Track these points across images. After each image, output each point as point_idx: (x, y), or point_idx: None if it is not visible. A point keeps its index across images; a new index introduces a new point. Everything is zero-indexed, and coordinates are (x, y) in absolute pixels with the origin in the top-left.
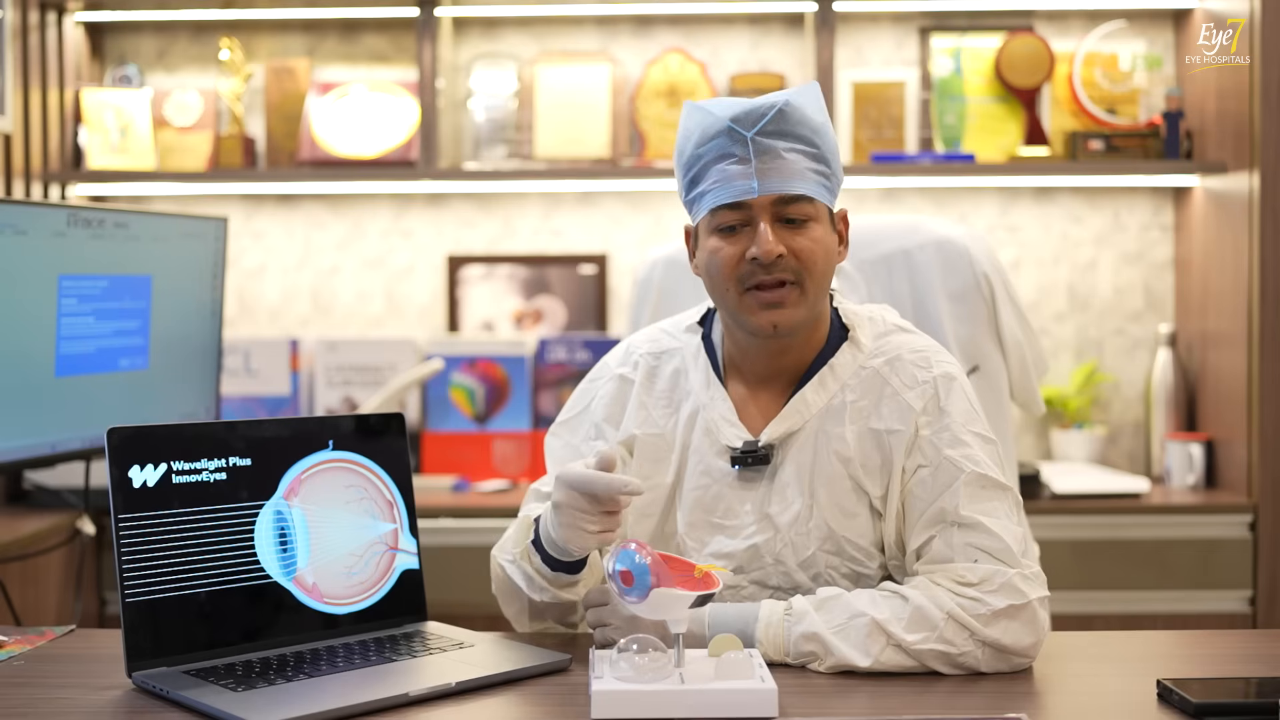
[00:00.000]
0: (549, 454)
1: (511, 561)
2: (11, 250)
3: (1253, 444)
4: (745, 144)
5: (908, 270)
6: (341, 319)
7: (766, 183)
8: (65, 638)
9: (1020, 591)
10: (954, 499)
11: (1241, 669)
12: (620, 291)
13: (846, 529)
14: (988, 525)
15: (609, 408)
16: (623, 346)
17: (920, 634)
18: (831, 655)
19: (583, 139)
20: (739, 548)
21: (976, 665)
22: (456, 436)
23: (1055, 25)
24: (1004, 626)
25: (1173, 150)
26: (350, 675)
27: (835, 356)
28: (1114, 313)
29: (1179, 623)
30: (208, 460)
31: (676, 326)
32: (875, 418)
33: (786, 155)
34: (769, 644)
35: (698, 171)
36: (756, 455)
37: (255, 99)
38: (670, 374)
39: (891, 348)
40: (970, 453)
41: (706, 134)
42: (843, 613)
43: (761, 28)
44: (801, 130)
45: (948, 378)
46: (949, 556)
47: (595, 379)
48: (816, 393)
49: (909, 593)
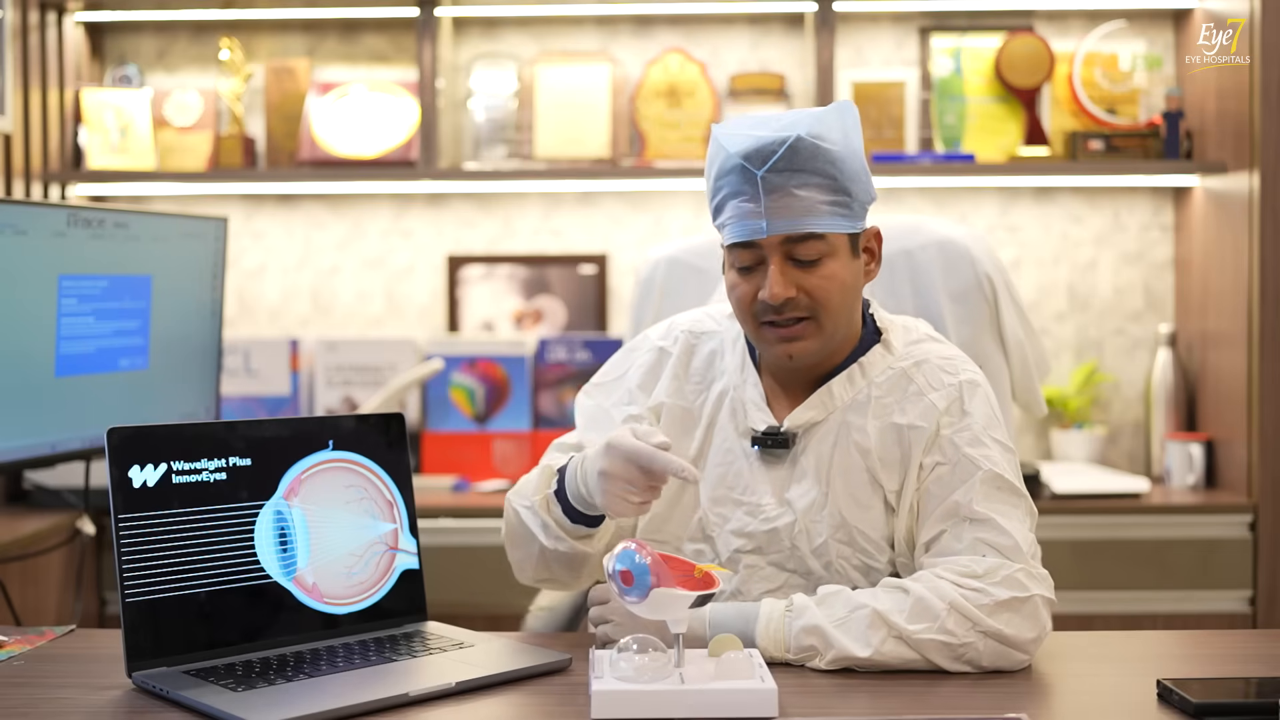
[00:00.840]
0: (579, 411)
1: (529, 508)
2: (11, 250)
3: (1253, 444)
4: (755, 183)
5: (909, 270)
6: (341, 319)
7: (775, 223)
8: (65, 638)
9: (1024, 585)
10: (968, 494)
11: (1241, 669)
12: (620, 291)
13: (859, 520)
14: (999, 523)
15: (644, 376)
16: (666, 323)
17: (922, 624)
18: (832, 648)
19: (583, 139)
20: (760, 528)
21: (977, 658)
22: (456, 436)
23: (1055, 25)
24: (1006, 618)
25: (1173, 150)
26: (350, 675)
27: (866, 356)
28: (1114, 313)
29: (1179, 623)
30: (208, 460)
31: (720, 313)
32: (899, 413)
33: (798, 192)
34: (769, 640)
35: (719, 201)
36: (777, 439)
37: (255, 99)
38: (707, 354)
39: (921, 352)
40: (989, 453)
41: (723, 168)
42: (843, 606)
43: (761, 28)
44: (816, 163)
45: (972, 384)
46: (956, 550)
47: (634, 349)
48: (844, 387)
49: (910, 585)
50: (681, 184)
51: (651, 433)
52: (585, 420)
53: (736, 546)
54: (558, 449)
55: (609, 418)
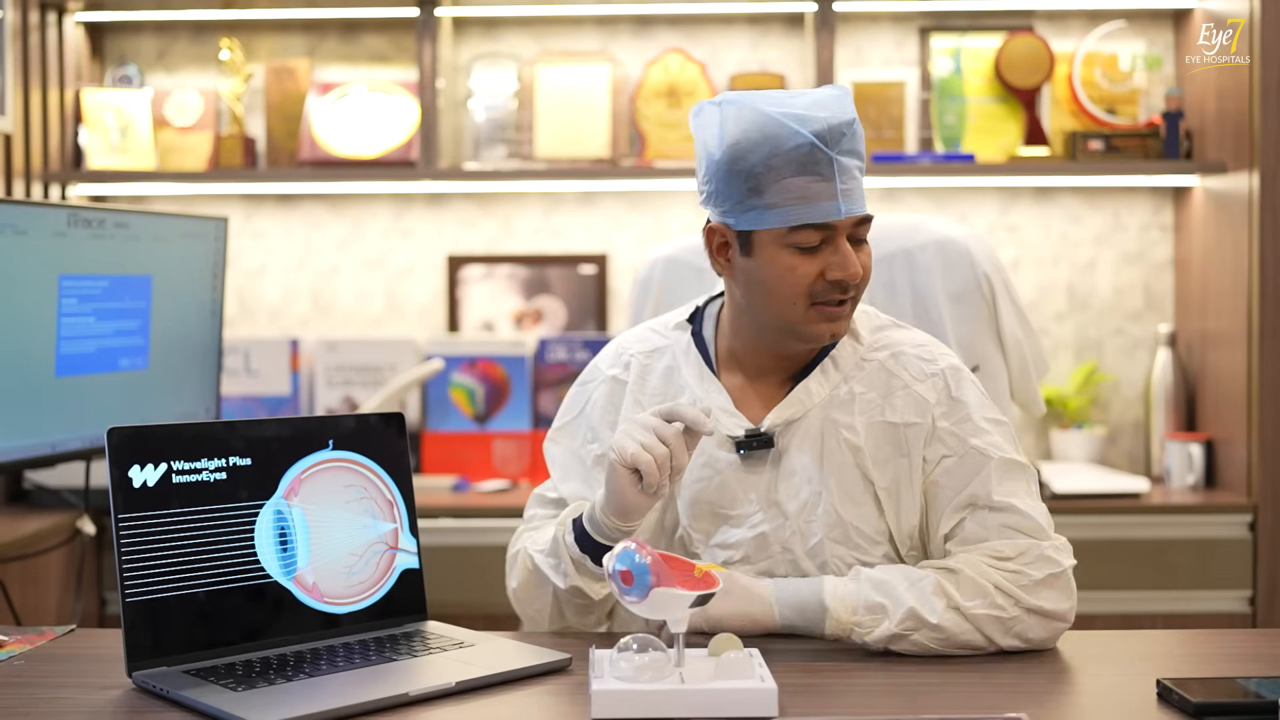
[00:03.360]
0: (550, 461)
1: (542, 551)
2: (11, 250)
3: (1253, 444)
4: (830, 164)
5: (908, 270)
6: (341, 319)
7: (848, 204)
8: (65, 638)
9: (1055, 561)
10: (985, 485)
11: (1241, 669)
12: (620, 291)
13: (854, 516)
14: (1018, 506)
15: (604, 410)
16: (612, 347)
17: (976, 600)
18: (902, 607)
19: (583, 139)
20: (746, 536)
21: (1025, 631)
22: (456, 436)
23: (1055, 25)
24: (1045, 594)
25: (1172, 150)
26: (350, 675)
27: (835, 349)
28: (1114, 313)
29: (1179, 623)
30: (208, 460)
31: (664, 325)
32: (889, 410)
33: (857, 175)
34: (837, 601)
35: (763, 182)
36: (761, 440)
37: (255, 99)
38: (662, 371)
39: (892, 342)
40: (993, 439)
41: (781, 145)
42: (903, 576)
43: (761, 28)
44: (860, 146)
45: (954, 369)
46: (984, 536)
47: (587, 382)
48: (819, 383)
49: (954, 564)
50: (681, 184)
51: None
52: (558, 470)
53: (723, 559)
54: (538, 501)
55: (579, 461)
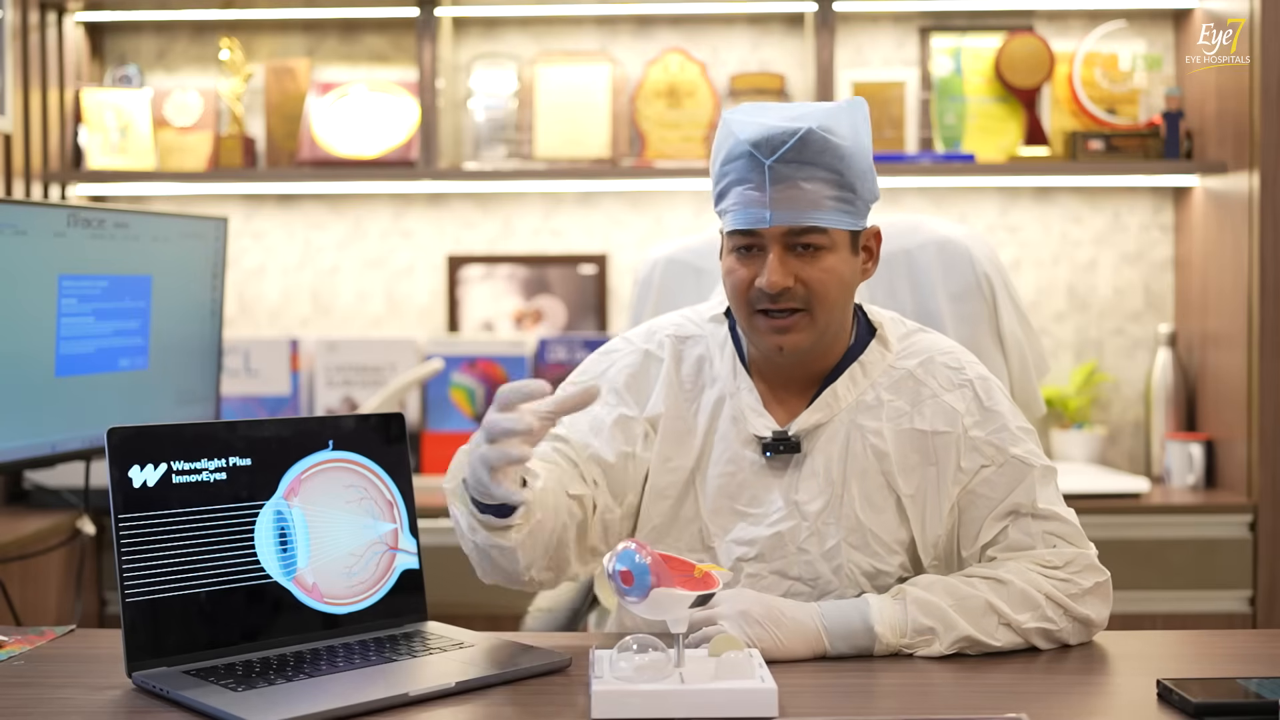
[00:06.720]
0: None
1: (452, 504)
2: (11, 250)
3: (1253, 444)
4: (762, 171)
5: (908, 270)
6: (341, 319)
7: (780, 213)
8: (65, 638)
9: (1100, 569)
10: (1029, 494)
11: (1241, 669)
12: (620, 291)
13: (873, 522)
14: (1060, 513)
15: (632, 377)
16: (644, 327)
17: (1026, 614)
18: (952, 630)
19: (583, 139)
20: (763, 534)
21: (1065, 638)
22: (456, 436)
23: (1055, 25)
24: (1091, 603)
25: (1173, 150)
26: (350, 675)
27: (864, 354)
28: (1114, 313)
29: (1179, 623)
30: (208, 460)
31: (699, 315)
32: (918, 419)
33: (804, 185)
34: (885, 626)
35: (724, 187)
36: (788, 443)
37: (255, 99)
38: (695, 360)
39: (920, 348)
40: (1031, 449)
41: (731, 154)
42: (949, 595)
43: (761, 28)
44: (825, 158)
45: (983, 379)
46: (1029, 544)
47: (611, 351)
48: (847, 388)
49: (1006, 576)
50: (681, 184)
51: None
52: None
53: (738, 555)
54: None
55: (594, 418)
